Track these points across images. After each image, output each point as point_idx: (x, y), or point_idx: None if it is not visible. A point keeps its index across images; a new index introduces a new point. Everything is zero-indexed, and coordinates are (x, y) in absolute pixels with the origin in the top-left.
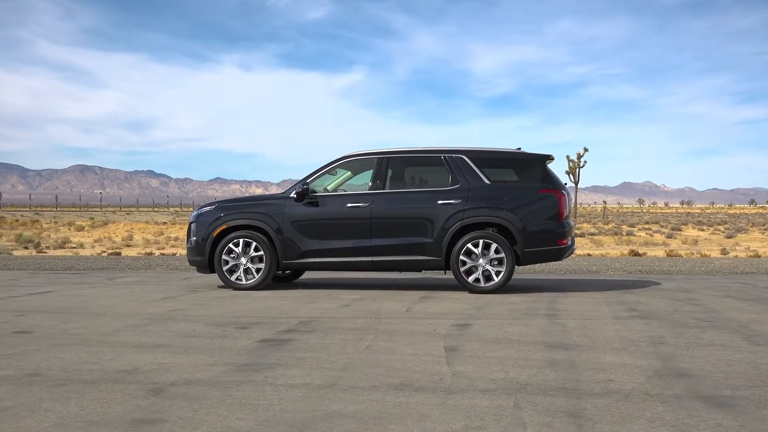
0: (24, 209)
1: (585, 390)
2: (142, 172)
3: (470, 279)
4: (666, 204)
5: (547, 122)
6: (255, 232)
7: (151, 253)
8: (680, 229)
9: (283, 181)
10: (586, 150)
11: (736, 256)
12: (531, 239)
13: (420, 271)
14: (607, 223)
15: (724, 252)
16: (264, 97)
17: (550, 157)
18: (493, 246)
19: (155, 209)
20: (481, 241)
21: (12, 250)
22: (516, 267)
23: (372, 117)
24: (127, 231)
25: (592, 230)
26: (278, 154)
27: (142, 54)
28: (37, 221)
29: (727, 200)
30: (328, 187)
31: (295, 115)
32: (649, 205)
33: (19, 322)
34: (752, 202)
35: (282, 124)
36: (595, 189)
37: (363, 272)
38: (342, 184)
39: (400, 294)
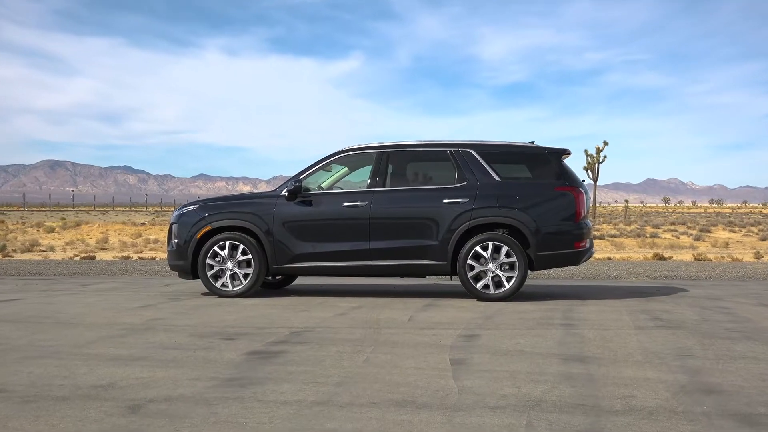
0: None
1: (604, 407)
2: (119, 167)
3: (479, 285)
4: (694, 203)
5: (563, 113)
6: (242, 234)
7: (128, 257)
8: (709, 231)
9: (273, 178)
10: (606, 144)
11: None
12: (545, 242)
13: (423, 276)
14: (629, 224)
15: (758, 256)
16: (252, 85)
17: (566, 152)
18: (504, 249)
19: (133, 209)
20: (490, 244)
21: None
22: (529, 272)
23: (371, 108)
24: (102, 233)
25: (613, 232)
26: (268, 148)
27: (118, 38)
28: (2, 222)
29: (761, 198)
30: (322, 185)
31: (286, 106)
32: (675, 204)
33: None
34: None
35: (272, 115)
36: (615, 186)
37: (361, 278)
38: (338, 181)
39: (401, 302)
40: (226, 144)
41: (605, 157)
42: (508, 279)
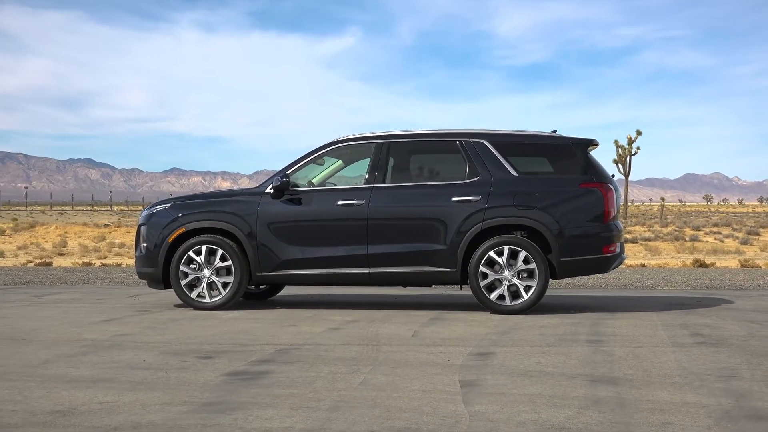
0: None
1: None
2: (79, 161)
3: (493, 296)
4: (740, 201)
5: (589, 98)
6: (221, 237)
7: (89, 264)
8: (758, 233)
9: (257, 172)
10: (639, 133)
11: None
12: (569, 246)
13: (429, 285)
14: (666, 226)
15: None
16: (232, 66)
17: (593, 143)
18: (522, 254)
19: (95, 208)
20: (506, 249)
21: None
22: (550, 281)
23: (368, 92)
24: (60, 235)
25: (647, 234)
26: (250, 139)
27: (77, 11)
28: None
29: None
30: (313, 181)
31: (271, 90)
32: (718, 203)
33: None
34: None
35: (255, 101)
36: (650, 182)
37: (357, 287)
38: (331, 176)
39: (404, 315)
40: (203, 134)
41: (638, 148)
42: (527, 289)
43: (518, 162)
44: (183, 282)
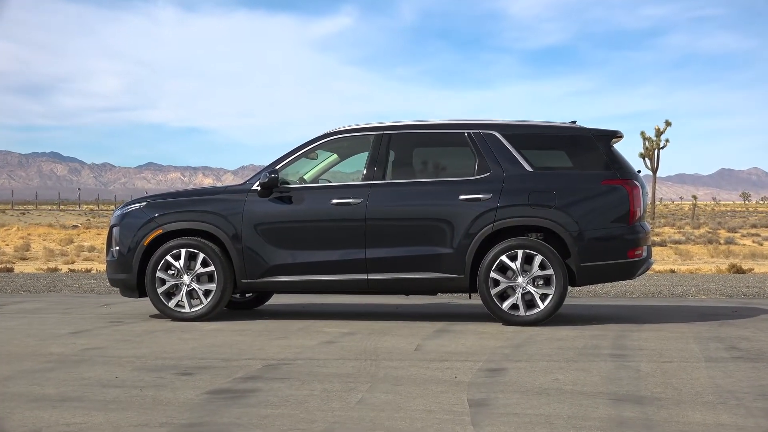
0: None
1: None
2: (44, 154)
3: (505, 305)
4: None
5: (612, 85)
6: (203, 240)
7: (56, 269)
8: None
9: (242, 168)
10: (668, 124)
11: None
12: (591, 249)
13: (434, 294)
14: (698, 227)
15: None
16: (214, 50)
17: (617, 135)
18: (538, 259)
19: (62, 207)
20: (520, 252)
21: None
22: (570, 288)
23: (367, 78)
24: (23, 238)
25: (677, 237)
26: (235, 130)
27: None
28: None
29: None
30: (305, 177)
31: (258, 77)
32: (756, 202)
33: None
34: None
35: (240, 88)
36: (681, 179)
37: (355, 296)
38: (325, 171)
39: (406, 326)
40: (182, 125)
41: (667, 141)
42: (543, 297)
43: (534, 156)
44: (160, 290)
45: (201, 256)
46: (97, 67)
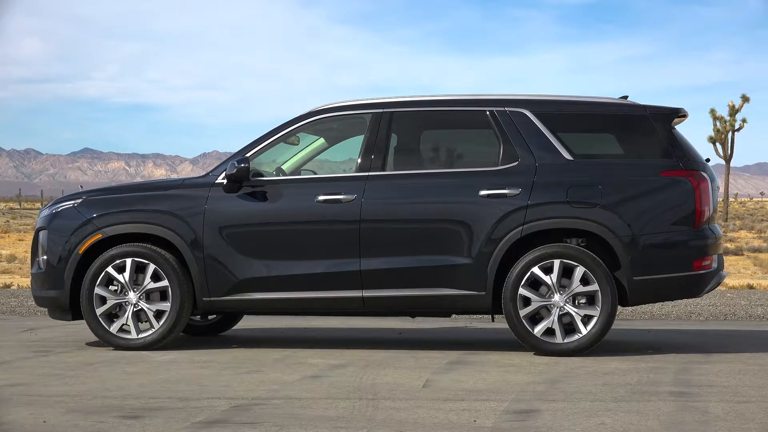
0: None
1: None
2: None
3: (537, 330)
4: None
5: (674, 50)
6: (153, 247)
7: None
8: None
9: (204, 155)
10: (745, 100)
11: None
12: (646, 260)
13: (448, 315)
14: None
15: None
16: (169, 4)
17: (680, 113)
18: (579, 271)
19: None
20: (557, 263)
21: None
22: (619, 308)
23: (362, 41)
24: None
25: (757, 243)
26: (192, 107)
27: None
28: None
29: None
30: (283, 167)
31: (222, 38)
32: None
33: None
34: None
35: (202, 53)
36: (761, 169)
37: (347, 317)
38: (309, 160)
39: (411, 356)
40: (125, 100)
41: (744, 121)
42: (586, 320)
43: (573, 141)
44: (99, 310)
45: (151, 267)
46: (15, 27)
